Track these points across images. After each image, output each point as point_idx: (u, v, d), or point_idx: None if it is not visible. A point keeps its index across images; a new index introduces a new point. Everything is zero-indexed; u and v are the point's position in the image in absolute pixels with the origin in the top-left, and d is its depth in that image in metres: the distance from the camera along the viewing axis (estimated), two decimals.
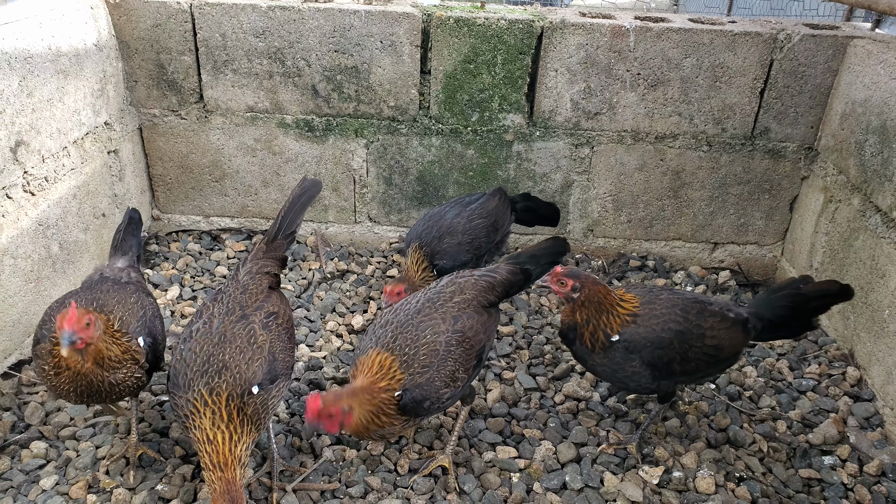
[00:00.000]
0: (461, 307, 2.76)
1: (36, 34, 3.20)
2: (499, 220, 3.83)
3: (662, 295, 2.87)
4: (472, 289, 2.84)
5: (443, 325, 2.67)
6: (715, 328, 2.79)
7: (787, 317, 2.88)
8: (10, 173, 3.06)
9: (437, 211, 3.83)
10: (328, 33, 3.96)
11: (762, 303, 2.93)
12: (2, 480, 2.72)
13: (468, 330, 2.70)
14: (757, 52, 3.92)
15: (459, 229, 3.69)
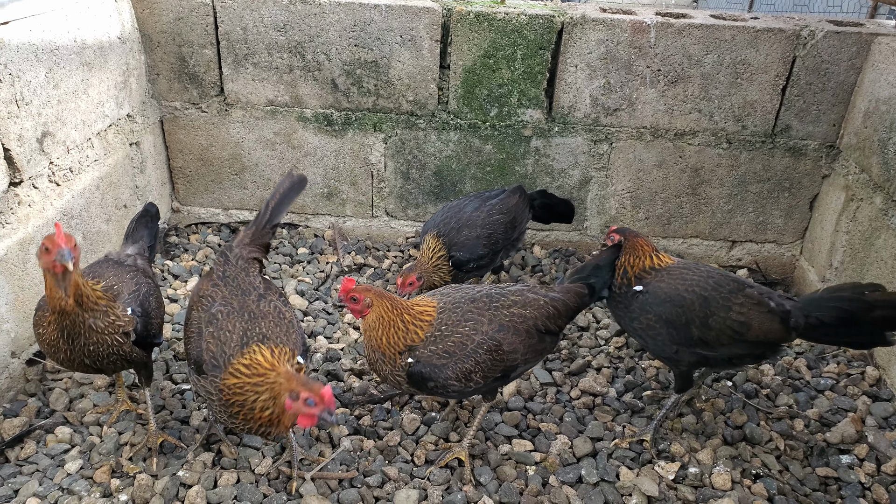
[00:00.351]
0: (514, 321, 2.71)
1: (62, 26, 3.24)
2: (517, 217, 3.82)
3: (703, 268, 2.94)
4: (535, 309, 2.76)
5: (486, 326, 2.66)
6: (746, 306, 2.74)
7: (842, 319, 2.67)
8: (36, 164, 3.11)
9: (455, 204, 3.83)
10: (348, 27, 3.98)
11: (814, 300, 2.77)
12: (28, 464, 2.78)
13: (506, 344, 2.66)
14: (779, 48, 3.90)
15: (479, 223, 3.68)
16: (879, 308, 2.61)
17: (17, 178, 3.00)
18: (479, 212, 3.72)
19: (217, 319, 2.55)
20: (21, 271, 3.06)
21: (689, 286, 2.82)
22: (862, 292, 2.67)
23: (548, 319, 2.77)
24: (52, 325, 2.52)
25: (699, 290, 2.80)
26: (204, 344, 2.50)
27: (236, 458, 2.83)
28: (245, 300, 2.64)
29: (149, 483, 2.68)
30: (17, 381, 3.13)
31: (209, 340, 2.50)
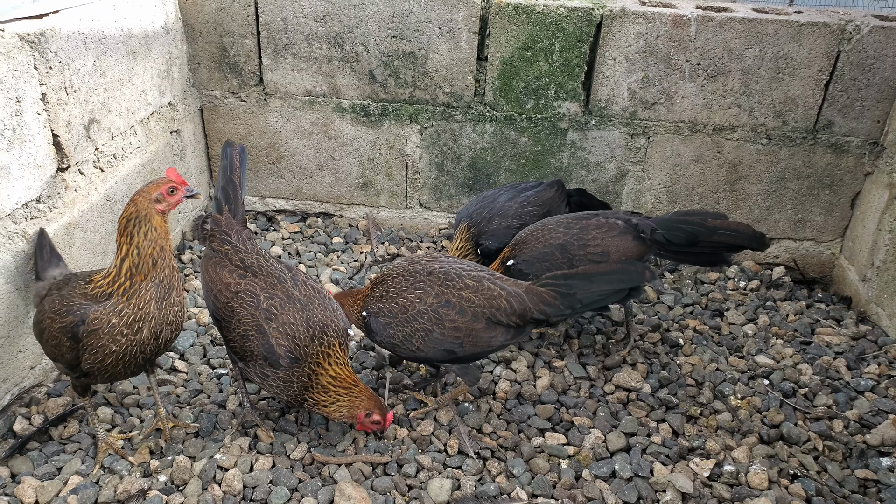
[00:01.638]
0: (461, 302, 2.81)
1: (110, 16, 3.30)
2: (552, 211, 3.78)
3: (552, 220, 3.34)
4: (487, 298, 2.82)
5: (431, 298, 2.82)
6: (599, 237, 3.21)
7: (687, 240, 3.22)
8: (82, 150, 3.18)
9: (490, 193, 3.84)
10: (387, 19, 4.00)
11: (663, 220, 3.28)
12: (71, 443, 2.84)
13: (448, 321, 2.79)
14: (823, 43, 3.84)
15: (511, 213, 3.68)
16: (718, 233, 3.17)
17: (64, 164, 3.07)
18: (512, 202, 3.73)
19: (275, 314, 2.61)
20: (67, 255, 3.13)
21: (545, 242, 3.22)
22: (706, 218, 3.20)
23: (498, 311, 2.81)
24: (133, 303, 2.47)
25: (554, 241, 3.21)
26: (273, 340, 2.59)
27: (272, 442, 2.87)
28: (284, 288, 2.69)
29: (187, 465, 2.73)
30: None
31: (276, 336, 2.59)
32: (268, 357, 2.60)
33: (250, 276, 2.73)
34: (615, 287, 2.85)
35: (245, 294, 2.68)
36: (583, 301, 2.84)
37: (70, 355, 2.50)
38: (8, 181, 2.72)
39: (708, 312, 3.94)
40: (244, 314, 2.65)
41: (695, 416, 3.15)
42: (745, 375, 3.43)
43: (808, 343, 3.70)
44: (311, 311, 2.65)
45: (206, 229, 2.95)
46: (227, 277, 2.74)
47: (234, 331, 2.67)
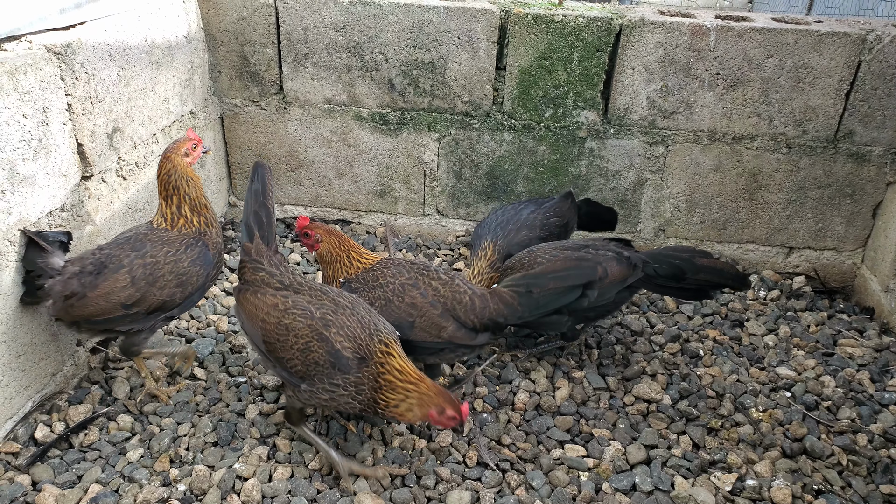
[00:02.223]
0: (427, 288, 2.93)
1: (134, 27, 3.34)
2: (570, 221, 3.87)
3: (540, 248, 3.33)
4: (453, 291, 2.93)
5: (402, 278, 2.96)
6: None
7: (674, 274, 3.29)
8: (106, 158, 3.21)
9: (511, 207, 3.85)
10: (406, 28, 4.01)
11: (654, 254, 3.35)
12: (91, 450, 2.86)
13: (408, 296, 2.90)
14: (844, 52, 3.81)
15: (537, 224, 3.71)
16: (704, 272, 3.28)
17: (88, 173, 3.10)
18: (536, 214, 3.76)
19: (330, 320, 2.58)
20: None
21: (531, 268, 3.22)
22: (693, 256, 3.30)
23: (458, 305, 2.90)
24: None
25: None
26: (338, 345, 2.53)
27: (291, 452, 2.88)
28: (330, 297, 2.70)
29: (206, 475, 2.73)
30: (82, 369, 3.22)
31: (339, 339, 2.54)
32: (336, 362, 2.52)
33: (294, 293, 2.71)
34: (569, 283, 2.88)
35: (296, 308, 2.63)
36: (539, 302, 2.88)
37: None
38: (33, 190, 2.74)
39: (728, 323, 3.91)
40: (300, 327, 2.58)
41: (716, 429, 3.12)
42: (766, 387, 3.40)
43: (830, 355, 3.67)
44: (360, 314, 2.65)
45: (241, 261, 2.94)
46: (271, 299, 2.69)
47: (293, 347, 2.57)
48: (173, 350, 3.26)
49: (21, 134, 2.64)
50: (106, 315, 2.79)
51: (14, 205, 2.65)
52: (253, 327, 2.71)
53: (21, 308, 2.74)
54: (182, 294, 2.92)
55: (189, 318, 3.69)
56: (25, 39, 2.80)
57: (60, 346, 3.03)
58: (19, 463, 2.72)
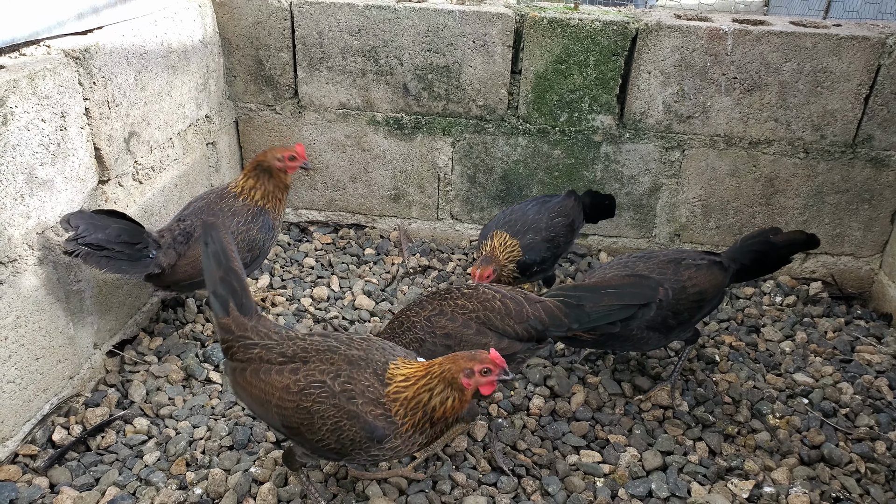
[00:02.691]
0: (455, 310, 2.81)
1: (151, 31, 3.36)
2: (575, 219, 3.79)
3: (639, 265, 3.18)
4: (480, 301, 2.81)
5: (426, 311, 2.83)
6: (693, 278, 3.12)
7: (758, 260, 3.29)
8: (122, 163, 3.22)
9: (518, 207, 3.80)
10: (422, 33, 4.01)
11: (736, 249, 3.32)
12: (108, 453, 2.87)
13: (438, 328, 2.77)
14: (863, 56, 3.78)
15: (542, 226, 3.64)
16: (783, 247, 3.30)
17: (105, 177, 3.12)
18: (540, 215, 3.69)
19: (353, 390, 2.29)
20: None
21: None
22: (768, 237, 3.31)
23: (491, 313, 2.75)
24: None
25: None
26: (370, 417, 2.26)
27: None
28: (341, 353, 2.39)
29: (222, 478, 2.74)
30: (98, 372, 3.24)
31: (369, 409, 2.27)
32: (373, 436, 2.26)
33: (302, 364, 2.38)
34: (626, 302, 2.71)
35: (312, 388, 2.31)
36: (591, 315, 2.72)
37: None
38: (51, 194, 2.76)
39: (744, 328, 3.88)
40: (324, 408, 2.28)
41: (732, 435, 3.10)
42: (783, 394, 3.37)
43: (848, 361, 3.63)
44: (374, 359, 2.36)
45: (222, 339, 2.54)
46: (280, 380, 2.36)
47: (322, 429, 2.29)
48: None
49: (40, 138, 2.66)
50: (192, 279, 3.21)
51: (33, 209, 2.67)
52: (265, 412, 2.41)
53: (39, 312, 2.76)
54: (251, 257, 3.35)
55: (204, 321, 3.70)
56: (44, 44, 2.83)
57: (77, 350, 3.05)
58: (37, 465, 2.74)
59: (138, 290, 3.49)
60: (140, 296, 3.53)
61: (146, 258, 3.04)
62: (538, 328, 2.75)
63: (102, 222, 2.87)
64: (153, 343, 3.50)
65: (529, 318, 2.74)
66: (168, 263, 3.13)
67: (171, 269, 3.15)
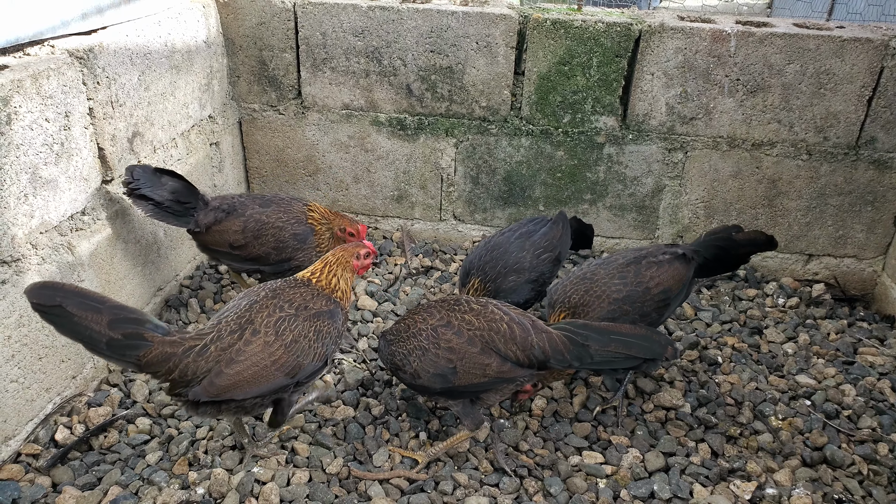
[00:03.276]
0: (461, 324, 2.73)
1: (154, 31, 3.36)
2: (562, 251, 3.55)
3: (598, 273, 3.16)
4: (487, 320, 2.72)
5: (433, 320, 2.79)
6: (655, 277, 3.12)
7: (719, 256, 3.27)
8: (126, 162, 3.23)
9: (496, 241, 3.50)
10: (425, 34, 4.02)
11: (700, 244, 3.31)
12: (111, 453, 2.87)
13: (443, 340, 2.71)
14: (866, 58, 3.78)
15: (526, 266, 3.39)
16: (743, 245, 3.28)
17: (108, 177, 3.12)
18: (524, 252, 3.42)
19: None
20: (108, 265, 3.18)
21: (609, 301, 3.07)
22: (730, 233, 3.29)
23: (496, 335, 2.68)
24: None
25: (618, 296, 3.07)
26: (316, 304, 2.69)
27: (309, 456, 2.88)
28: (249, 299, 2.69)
29: (225, 478, 2.74)
30: (101, 372, 3.24)
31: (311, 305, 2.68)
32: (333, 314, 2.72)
33: (249, 325, 2.52)
34: (632, 353, 2.66)
35: (278, 323, 2.60)
36: (593, 357, 2.66)
37: None
38: (55, 194, 2.77)
39: (746, 330, 3.88)
40: (296, 323, 2.62)
41: (734, 437, 3.10)
42: (785, 395, 3.36)
43: (850, 363, 3.63)
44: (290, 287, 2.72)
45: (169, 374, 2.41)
46: (254, 343, 2.51)
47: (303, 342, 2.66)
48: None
49: (43, 138, 2.66)
50: (218, 248, 3.48)
51: (36, 208, 2.67)
52: (262, 375, 2.46)
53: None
54: (276, 256, 3.48)
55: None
56: (48, 44, 2.84)
57: (80, 349, 3.04)
58: (40, 465, 2.74)
59: (141, 290, 3.50)
60: (143, 295, 3.53)
61: (190, 216, 3.42)
62: (540, 358, 2.68)
63: (159, 180, 3.28)
64: None
65: (533, 348, 2.67)
66: (205, 224, 3.43)
67: (206, 230, 3.43)
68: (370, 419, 3.10)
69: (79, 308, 2.21)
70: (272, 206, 3.51)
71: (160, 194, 3.25)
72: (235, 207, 3.47)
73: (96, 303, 2.24)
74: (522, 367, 2.70)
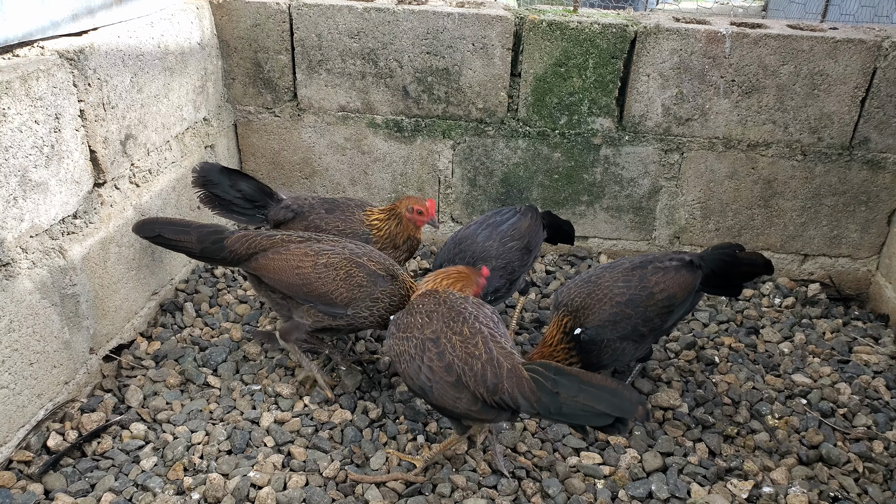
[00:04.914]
0: (447, 345, 2.59)
1: (147, 33, 3.34)
2: (532, 241, 3.51)
3: (602, 278, 3.13)
4: (467, 351, 2.56)
5: (428, 330, 2.66)
6: (660, 283, 3.07)
7: (722, 270, 3.15)
8: (119, 165, 3.21)
9: (465, 233, 3.51)
10: (421, 35, 4.01)
11: (706, 255, 3.19)
12: (104, 459, 2.84)
13: (426, 357, 2.60)
14: (859, 59, 3.79)
15: (493, 254, 3.37)
16: (745, 263, 3.18)
17: (101, 180, 3.10)
18: (491, 241, 3.41)
19: (360, 253, 3.08)
20: (101, 269, 3.16)
21: (612, 304, 3.03)
22: (734, 250, 3.18)
23: (469, 371, 2.51)
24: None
25: (621, 299, 3.03)
26: (373, 266, 3.04)
27: (305, 460, 2.86)
28: (346, 243, 3.17)
29: (220, 482, 2.72)
30: (95, 377, 3.21)
31: (370, 264, 3.06)
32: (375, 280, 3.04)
33: (316, 242, 3.16)
34: (602, 409, 2.32)
35: (325, 251, 3.11)
36: (562, 409, 2.36)
37: None
38: (45, 197, 2.74)
39: (743, 330, 3.88)
40: (337, 261, 3.05)
41: (732, 436, 3.10)
42: (782, 395, 3.37)
43: (845, 362, 3.63)
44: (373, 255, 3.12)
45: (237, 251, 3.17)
46: (300, 250, 3.10)
47: (335, 279, 3.03)
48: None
49: (33, 140, 2.64)
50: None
51: (26, 211, 2.65)
52: (288, 278, 3.02)
53: (33, 316, 2.74)
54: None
55: (203, 325, 3.68)
56: (38, 45, 2.81)
57: (73, 354, 3.03)
58: (32, 472, 2.71)
59: (135, 294, 3.47)
60: (138, 299, 3.51)
61: (259, 216, 3.62)
62: (510, 406, 2.47)
63: (227, 179, 3.53)
64: (151, 347, 3.48)
65: (503, 394, 2.46)
66: (274, 220, 3.58)
67: (275, 226, 3.57)
68: (367, 422, 3.08)
69: (174, 234, 3.12)
70: (335, 212, 3.56)
71: (229, 193, 3.52)
72: (303, 210, 3.55)
73: (184, 227, 3.15)
74: (493, 410, 2.51)
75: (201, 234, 3.12)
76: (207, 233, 3.13)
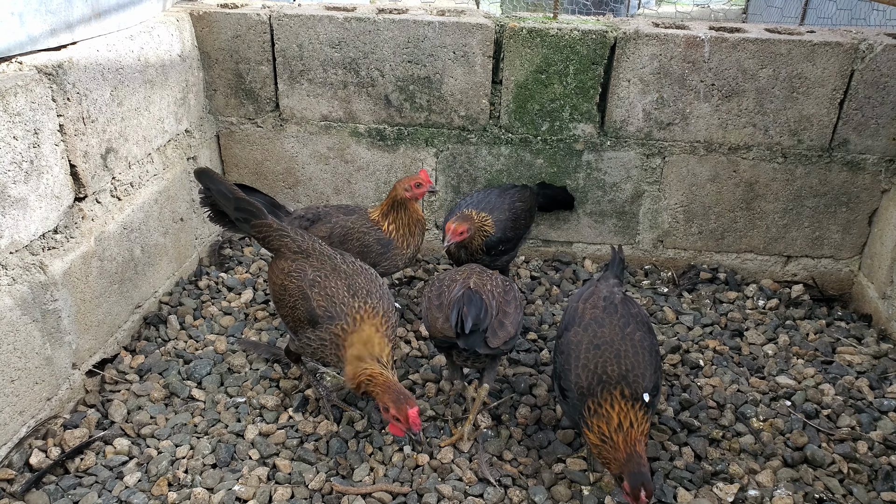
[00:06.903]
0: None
1: (127, 46, 3.33)
2: (532, 207, 4.02)
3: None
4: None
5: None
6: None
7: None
8: (100, 179, 3.20)
9: (480, 195, 3.91)
10: (402, 44, 4.02)
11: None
12: (88, 475, 2.83)
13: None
14: (837, 62, 3.83)
15: (506, 207, 3.81)
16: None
17: (81, 194, 3.09)
18: (502, 198, 3.86)
19: (318, 282, 2.93)
20: (83, 284, 3.14)
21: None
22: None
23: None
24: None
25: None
26: (314, 302, 2.87)
27: (290, 472, 2.85)
28: (336, 261, 3.05)
29: (205, 497, 2.71)
30: (78, 393, 3.20)
31: (317, 299, 2.87)
32: (310, 317, 2.87)
33: (304, 258, 3.07)
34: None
35: (295, 272, 3.00)
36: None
37: None
38: (25, 213, 2.73)
39: (727, 332, 3.90)
40: (293, 288, 2.96)
41: (717, 439, 3.11)
42: (766, 397, 3.39)
43: (829, 363, 3.66)
44: (357, 282, 2.96)
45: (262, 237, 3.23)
46: (283, 264, 3.07)
47: (286, 305, 2.99)
48: None
49: (12, 156, 2.62)
50: None
51: (5, 228, 2.63)
52: (271, 288, 3.15)
53: (13, 333, 2.72)
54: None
55: (188, 338, 3.67)
56: (16, 60, 2.79)
57: (55, 370, 3.01)
58: (14, 490, 2.69)
59: (118, 307, 3.46)
60: (121, 313, 3.49)
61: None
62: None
63: (229, 193, 3.40)
64: (135, 361, 3.46)
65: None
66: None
67: None
68: (353, 433, 3.08)
69: (218, 195, 3.21)
70: (355, 214, 3.69)
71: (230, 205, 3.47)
72: (321, 216, 3.68)
73: (229, 192, 3.18)
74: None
75: (237, 205, 3.18)
76: (241, 207, 3.19)
